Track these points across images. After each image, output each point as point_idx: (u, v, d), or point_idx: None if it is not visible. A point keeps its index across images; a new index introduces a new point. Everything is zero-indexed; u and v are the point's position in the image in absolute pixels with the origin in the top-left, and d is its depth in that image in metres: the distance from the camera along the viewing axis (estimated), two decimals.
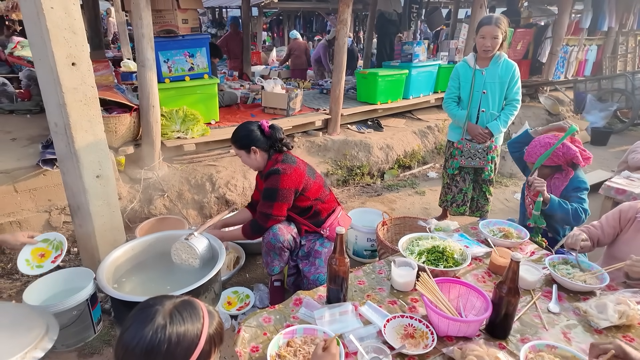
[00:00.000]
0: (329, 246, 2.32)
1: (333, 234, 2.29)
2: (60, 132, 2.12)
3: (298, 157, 2.34)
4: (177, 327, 0.89)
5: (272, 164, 2.22)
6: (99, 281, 1.69)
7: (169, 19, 3.85)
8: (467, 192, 3.27)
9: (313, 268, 2.28)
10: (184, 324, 0.90)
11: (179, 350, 0.88)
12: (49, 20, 1.84)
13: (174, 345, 0.87)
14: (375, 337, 1.38)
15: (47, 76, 2.00)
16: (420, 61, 5.45)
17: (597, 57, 8.25)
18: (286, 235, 2.24)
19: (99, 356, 2.09)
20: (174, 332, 0.88)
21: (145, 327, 0.88)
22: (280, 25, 17.22)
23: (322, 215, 2.34)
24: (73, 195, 2.33)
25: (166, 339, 0.87)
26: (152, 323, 0.88)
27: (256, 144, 2.19)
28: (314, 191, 2.28)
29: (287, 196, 2.16)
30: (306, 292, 1.64)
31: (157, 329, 0.87)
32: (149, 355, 0.86)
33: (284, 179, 2.13)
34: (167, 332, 0.87)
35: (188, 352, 0.89)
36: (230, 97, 5.18)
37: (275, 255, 2.27)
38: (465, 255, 1.77)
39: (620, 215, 1.95)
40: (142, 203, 3.34)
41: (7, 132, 3.80)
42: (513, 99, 2.98)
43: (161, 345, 0.86)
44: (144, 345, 0.86)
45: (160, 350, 0.86)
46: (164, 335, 0.87)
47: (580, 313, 1.52)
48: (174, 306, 0.93)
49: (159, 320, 0.89)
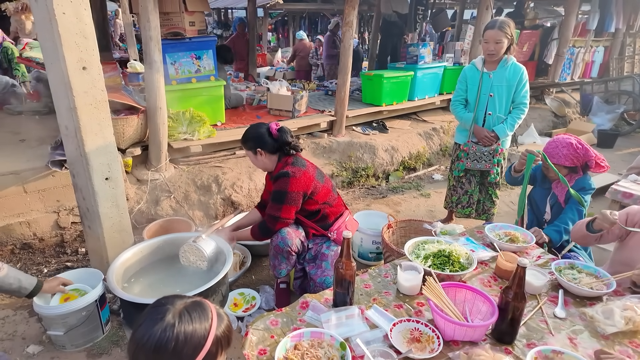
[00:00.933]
0: (336, 249, 2.33)
1: (340, 237, 2.31)
2: (71, 135, 2.15)
3: (308, 161, 2.35)
4: (186, 326, 0.91)
5: (281, 166, 2.23)
6: (109, 283, 1.72)
7: (176, 21, 3.88)
8: (473, 194, 3.27)
9: (320, 271, 2.29)
10: (192, 323, 0.92)
11: (186, 349, 0.90)
12: (60, 26, 1.87)
13: (181, 344, 0.89)
14: (382, 341, 1.40)
15: (58, 80, 2.03)
16: (426, 63, 5.45)
17: (604, 59, 8.20)
18: (294, 239, 2.25)
19: (108, 356, 2.12)
20: (182, 331, 0.90)
21: (156, 324, 0.91)
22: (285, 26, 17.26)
23: (329, 219, 2.35)
24: (83, 197, 2.36)
25: (174, 337, 0.89)
26: (162, 321, 0.91)
27: (263, 147, 2.22)
28: (323, 195, 2.29)
29: (295, 199, 2.17)
30: (313, 296, 1.65)
31: (166, 328, 0.90)
32: (157, 352, 0.89)
33: (293, 182, 2.14)
34: (175, 330, 0.90)
35: (195, 351, 0.91)
36: (236, 99, 5.20)
37: (283, 258, 2.29)
38: (471, 259, 1.78)
39: (627, 218, 1.93)
40: (149, 204, 3.37)
41: (16, 133, 3.85)
42: (520, 102, 2.98)
43: (169, 343, 0.88)
44: (153, 342, 0.89)
45: (168, 348, 0.88)
46: (172, 334, 0.89)
47: (586, 319, 1.52)
48: (184, 306, 0.96)
49: (168, 319, 0.91)
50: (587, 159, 2.29)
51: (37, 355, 2.11)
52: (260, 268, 2.97)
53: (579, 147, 2.27)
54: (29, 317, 2.37)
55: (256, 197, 3.73)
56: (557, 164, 2.28)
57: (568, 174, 2.34)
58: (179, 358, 0.90)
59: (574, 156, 2.27)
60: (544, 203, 2.47)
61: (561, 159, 2.27)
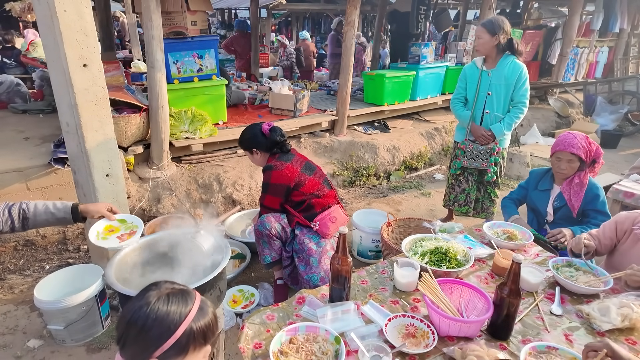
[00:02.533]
0: (324, 246, 2.36)
1: (323, 229, 2.35)
2: (72, 132, 2.18)
3: (299, 155, 2.46)
4: (160, 306, 0.91)
5: (270, 160, 2.39)
6: (108, 278, 1.73)
7: (179, 20, 3.92)
8: (470, 193, 3.27)
9: (307, 267, 2.34)
10: (167, 306, 0.92)
11: (154, 330, 0.90)
12: (62, 23, 1.89)
13: (150, 323, 0.89)
14: (377, 335, 1.40)
15: (60, 77, 2.05)
16: (428, 63, 5.44)
17: (609, 59, 8.15)
18: (273, 223, 2.34)
19: (107, 351, 2.14)
20: (154, 310, 0.90)
21: (137, 302, 0.93)
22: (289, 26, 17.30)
23: (315, 209, 2.39)
24: (84, 193, 2.38)
25: (146, 314, 0.90)
26: (142, 299, 0.93)
27: (257, 146, 2.40)
28: (309, 187, 2.36)
29: (277, 190, 2.32)
30: (309, 291, 1.66)
31: (141, 305, 0.92)
32: (129, 327, 0.91)
33: (274, 175, 2.29)
34: (149, 308, 0.91)
35: (162, 336, 0.90)
36: (237, 96, 5.22)
37: (264, 243, 2.37)
38: (469, 256, 1.78)
39: (616, 227, 1.91)
40: (150, 202, 3.40)
41: (20, 132, 3.89)
42: (519, 101, 2.97)
43: (140, 320, 0.90)
44: (129, 316, 0.91)
45: (137, 324, 0.90)
46: (145, 311, 0.90)
47: (583, 315, 1.52)
48: (168, 291, 0.96)
49: (148, 298, 0.93)
50: (597, 156, 2.30)
51: (38, 350, 2.13)
52: (259, 265, 2.99)
53: (592, 142, 2.28)
54: (30, 312, 2.39)
55: (257, 196, 3.74)
56: (572, 154, 2.25)
57: (579, 171, 2.31)
58: (146, 337, 0.89)
59: (589, 149, 2.25)
60: (545, 205, 2.46)
61: (580, 149, 2.23)
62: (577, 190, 2.31)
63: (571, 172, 2.31)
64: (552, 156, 2.37)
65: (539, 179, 2.52)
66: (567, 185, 2.34)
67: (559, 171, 2.34)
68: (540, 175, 2.54)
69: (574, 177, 2.33)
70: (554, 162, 2.37)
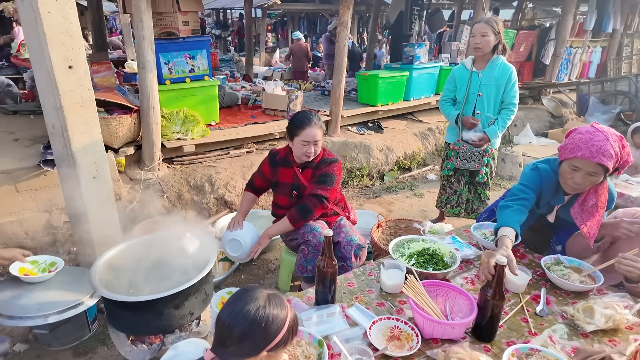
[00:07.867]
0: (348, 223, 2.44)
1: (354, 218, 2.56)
2: (58, 134, 2.16)
3: None
4: (273, 309, 1.09)
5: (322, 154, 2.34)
6: (91, 281, 1.71)
7: (170, 21, 3.90)
8: (462, 194, 3.28)
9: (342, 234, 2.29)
10: (277, 308, 1.09)
11: (271, 328, 1.07)
12: (45, 24, 1.87)
13: (269, 323, 1.07)
14: (361, 338, 1.40)
15: (45, 79, 2.03)
16: (421, 63, 5.45)
17: (602, 59, 8.19)
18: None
19: (94, 355, 2.12)
20: (270, 313, 1.07)
21: (250, 304, 1.08)
22: (284, 26, 17.29)
23: (341, 202, 2.55)
24: (70, 196, 2.36)
25: (265, 316, 1.06)
26: (255, 302, 1.08)
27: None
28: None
29: (339, 183, 2.37)
30: (295, 294, 1.65)
31: (258, 308, 1.07)
32: (252, 326, 1.05)
33: (339, 169, 2.35)
34: (266, 311, 1.07)
35: (276, 332, 1.08)
36: (231, 98, 5.20)
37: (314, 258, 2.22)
38: (455, 258, 1.78)
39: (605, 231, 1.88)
40: (141, 203, 3.37)
41: (10, 133, 3.85)
42: (510, 102, 2.97)
43: (262, 320, 1.06)
44: (249, 317, 1.06)
45: (260, 324, 1.06)
46: (264, 313, 1.07)
47: (567, 317, 1.52)
48: (268, 294, 1.12)
49: (260, 301, 1.09)
50: (624, 164, 1.64)
51: (23, 354, 2.11)
52: (249, 267, 2.97)
53: (625, 144, 1.61)
54: None
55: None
56: (600, 165, 1.58)
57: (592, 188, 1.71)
58: (267, 333, 1.06)
59: (620, 156, 1.59)
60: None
61: (611, 159, 1.55)
62: (591, 212, 1.68)
63: (588, 187, 1.68)
64: (565, 162, 1.69)
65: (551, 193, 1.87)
66: (579, 207, 1.75)
67: (572, 185, 1.69)
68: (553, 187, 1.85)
69: (587, 194, 1.72)
70: (565, 171, 1.69)
